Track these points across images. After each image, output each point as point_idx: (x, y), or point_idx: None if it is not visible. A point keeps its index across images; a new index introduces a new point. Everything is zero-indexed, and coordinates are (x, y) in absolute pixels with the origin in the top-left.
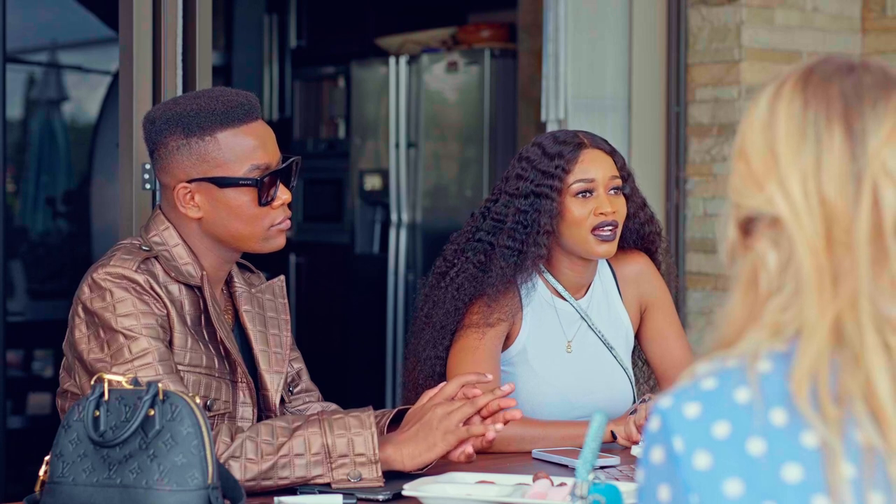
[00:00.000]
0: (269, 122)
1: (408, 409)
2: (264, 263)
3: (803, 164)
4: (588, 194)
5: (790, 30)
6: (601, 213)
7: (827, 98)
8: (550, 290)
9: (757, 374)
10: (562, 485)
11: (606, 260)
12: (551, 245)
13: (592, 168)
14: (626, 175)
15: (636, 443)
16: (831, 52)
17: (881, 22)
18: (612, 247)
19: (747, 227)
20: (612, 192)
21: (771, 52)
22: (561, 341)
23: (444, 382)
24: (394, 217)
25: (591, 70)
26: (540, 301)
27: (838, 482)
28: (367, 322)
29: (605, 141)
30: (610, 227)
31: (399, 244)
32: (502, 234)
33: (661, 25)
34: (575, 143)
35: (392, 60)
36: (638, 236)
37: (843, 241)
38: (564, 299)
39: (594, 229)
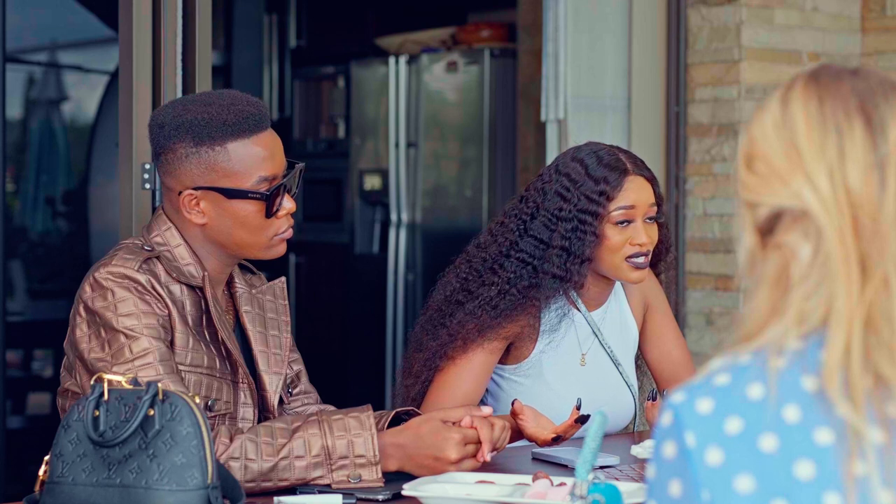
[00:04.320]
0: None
1: (407, 410)
2: (264, 263)
3: (829, 156)
4: (627, 223)
5: (790, 29)
6: (637, 244)
7: (840, 94)
8: (569, 303)
9: (775, 369)
10: (562, 484)
11: None
12: None
13: (634, 196)
14: (660, 202)
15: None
16: (831, 52)
17: (881, 22)
18: (644, 274)
19: (769, 226)
20: (648, 220)
21: (771, 51)
22: (576, 354)
23: (465, 409)
24: (393, 217)
25: (590, 70)
26: (558, 314)
27: (854, 475)
28: (367, 322)
29: (645, 165)
30: (644, 256)
31: (399, 244)
32: (547, 261)
33: (661, 25)
34: (620, 168)
35: (392, 60)
36: (657, 249)
37: (870, 228)
38: (580, 311)
39: (628, 257)
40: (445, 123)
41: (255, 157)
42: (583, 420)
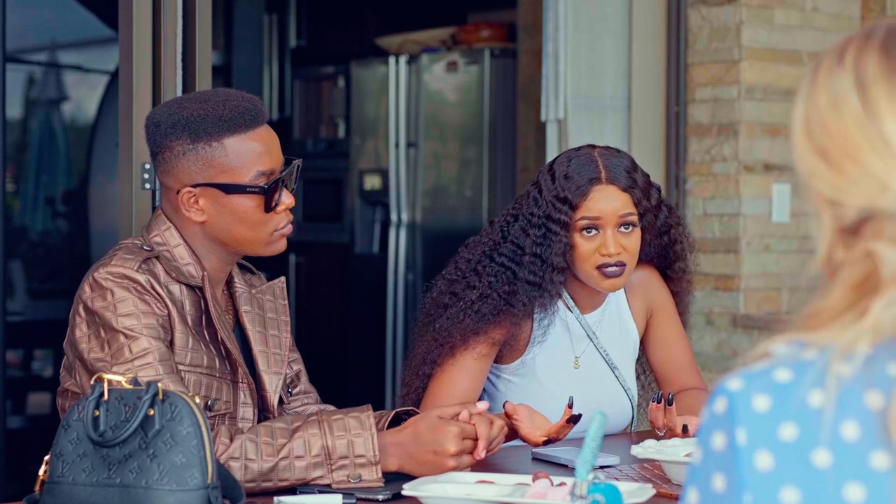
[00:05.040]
0: (269, 123)
1: (407, 410)
2: (264, 263)
3: None
4: (594, 231)
5: (790, 29)
6: (605, 254)
7: None
8: (563, 305)
9: (835, 378)
10: (562, 484)
11: None
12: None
13: (600, 206)
14: (643, 210)
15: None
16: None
17: (881, 22)
18: (619, 282)
19: (855, 226)
20: (622, 228)
21: (771, 51)
22: (569, 356)
23: (461, 406)
24: (393, 217)
25: (590, 70)
26: (550, 315)
27: None
28: (367, 322)
29: (629, 171)
30: (615, 267)
31: (399, 244)
32: (522, 266)
33: (661, 25)
34: (590, 176)
35: (392, 60)
36: (655, 255)
37: None
38: (573, 313)
39: (598, 267)
40: (445, 123)
41: (252, 152)
42: (575, 420)
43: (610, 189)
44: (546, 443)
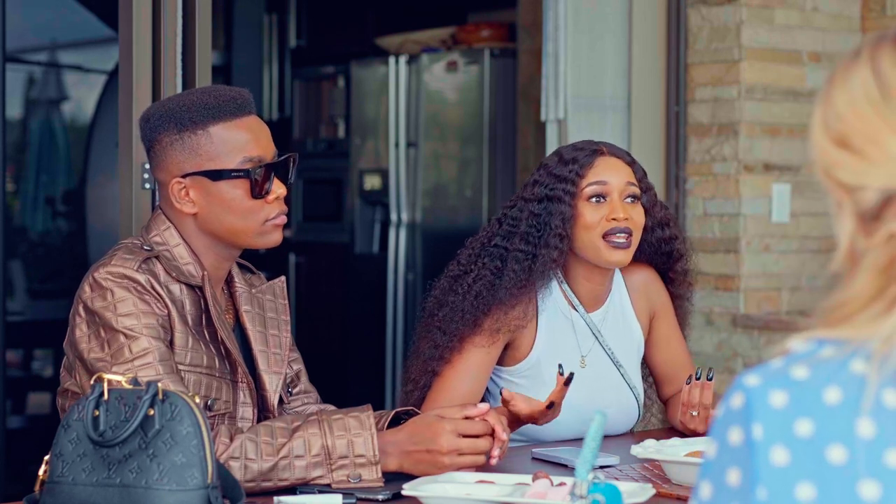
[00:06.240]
0: (269, 122)
1: (407, 410)
2: (264, 263)
3: None
4: (601, 199)
5: (790, 29)
6: (613, 219)
7: None
8: (568, 303)
9: (850, 375)
10: (561, 484)
11: (618, 270)
12: (566, 252)
13: (607, 173)
14: (644, 187)
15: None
16: (831, 52)
17: (881, 21)
18: (626, 255)
19: (876, 210)
20: (628, 199)
21: (771, 51)
22: (575, 356)
23: (461, 407)
24: (393, 217)
25: (590, 70)
26: (556, 313)
27: None
28: (367, 322)
29: (627, 153)
30: (623, 234)
31: (399, 244)
32: (515, 238)
33: (661, 25)
34: (592, 149)
35: (392, 60)
36: (654, 252)
37: None
38: (578, 312)
39: (606, 235)
40: (445, 123)
41: (238, 139)
42: (568, 381)
43: (614, 160)
44: (548, 408)
